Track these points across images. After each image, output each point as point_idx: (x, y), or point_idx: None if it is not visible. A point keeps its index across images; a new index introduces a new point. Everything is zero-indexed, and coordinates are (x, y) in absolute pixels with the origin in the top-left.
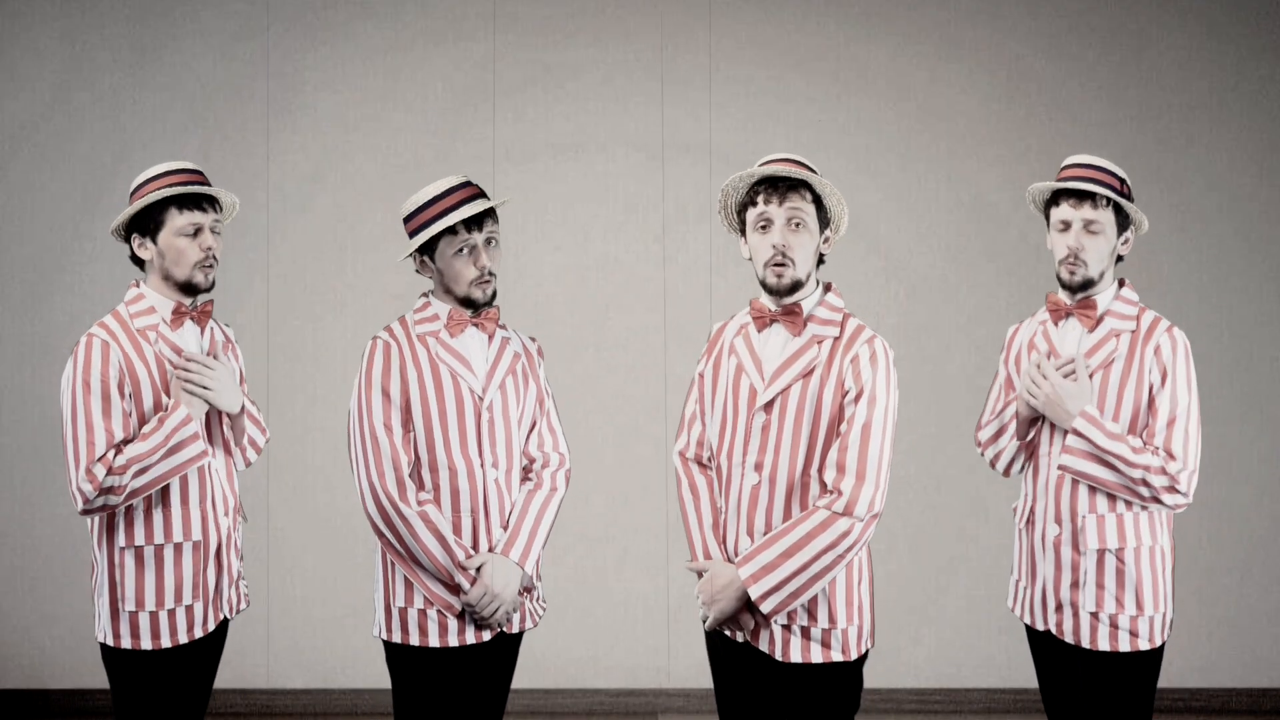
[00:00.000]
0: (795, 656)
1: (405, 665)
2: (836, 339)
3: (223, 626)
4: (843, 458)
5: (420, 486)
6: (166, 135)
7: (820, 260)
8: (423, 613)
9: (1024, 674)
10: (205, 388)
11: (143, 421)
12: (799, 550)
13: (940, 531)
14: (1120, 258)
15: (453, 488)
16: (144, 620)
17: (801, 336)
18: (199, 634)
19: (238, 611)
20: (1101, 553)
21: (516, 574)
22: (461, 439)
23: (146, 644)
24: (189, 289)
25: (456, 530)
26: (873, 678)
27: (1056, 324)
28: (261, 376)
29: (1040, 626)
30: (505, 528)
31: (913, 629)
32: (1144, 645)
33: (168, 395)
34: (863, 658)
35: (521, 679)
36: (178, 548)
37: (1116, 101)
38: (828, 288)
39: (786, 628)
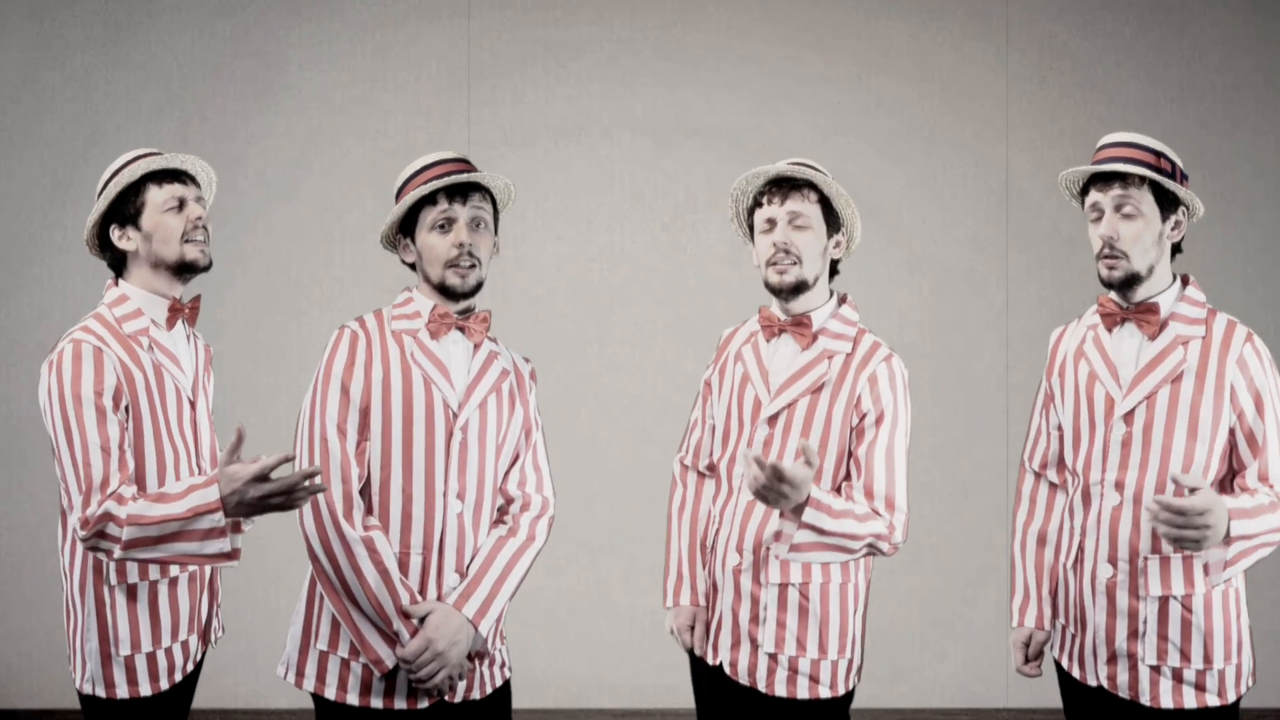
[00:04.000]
0: (780, 690)
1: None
2: (849, 355)
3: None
4: (870, 482)
5: (367, 510)
6: (141, 117)
7: (834, 270)
8: (346, 663)
9: (1058, 694)
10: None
11: (138, 439)
12: (848, 516)
13: (968, 541)
14: (1176, 249)
15: (404, 516)
16: (140, 664)
17: (811, 350)
18: (190, 668)
19: (218, 639)
20: (1165, 600)
21: (467, 633)
22: (427, 459)
23: (145, 689)
24: (185, 269)
25: (402, 569)
26: (895, 697)
27: (1110, 330)
28: (242, 376)
29: (1092, 682)
30: (462, 574)
31: (938, 645)
32: (1212, 701)
33: (163, 406)
34: (849, 694)
35: (520, 699)
36: (173, 581)
37: (1156, 81)
38: (843, 300)
39: (773, 657)
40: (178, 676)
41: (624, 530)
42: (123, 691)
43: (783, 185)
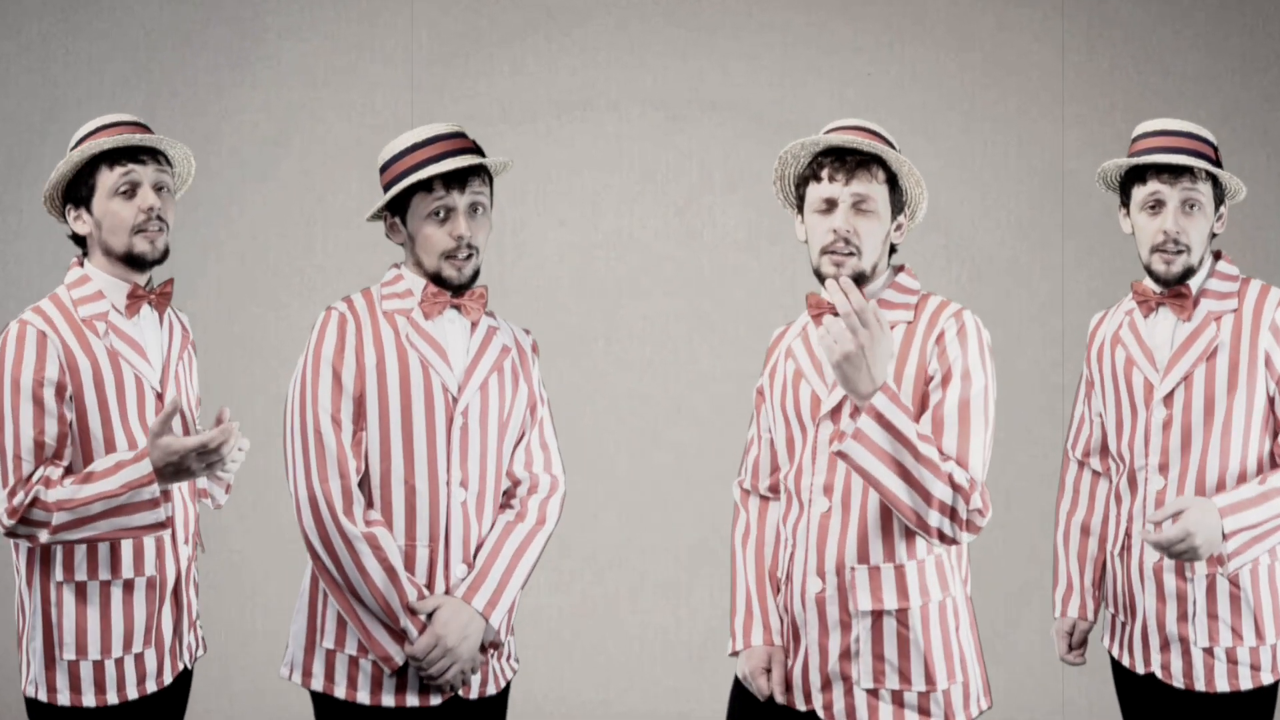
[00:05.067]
0: None
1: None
2: (911, 324)
3: (184, 678)
4: (939, 439)
5: (368, 504)
6: (104, 91)
7: (892, 250)
8: (354, 660)
9: (1109, 719)
10: (220, 472)
11: (84, 432)
12: (926, 441)
13: (1010, 554)
14: (1214, 235)
15: (408, 508)
16: (86, 671)
17: None
18: (152, 688)
19: (195, 659)
20: (1212, 578)
21: (478, 626)
22: (428, 448)
23: (89, 699)
24: (133, 261)
25: (409, 563)
26: None
27: (1146, 316)
28: (215, 373)
29: (1141, 669)
30: (470, 565)
31: None
32: (1266, 679)
33: (119, 398)
34: None
35: None
36: (128, 585)
37: (1216, 52)
38: (899, 269)
39: (873, 693)
40: (130, 693)
41: (633, 543)
42: (64, 698)
43: (846, 160)
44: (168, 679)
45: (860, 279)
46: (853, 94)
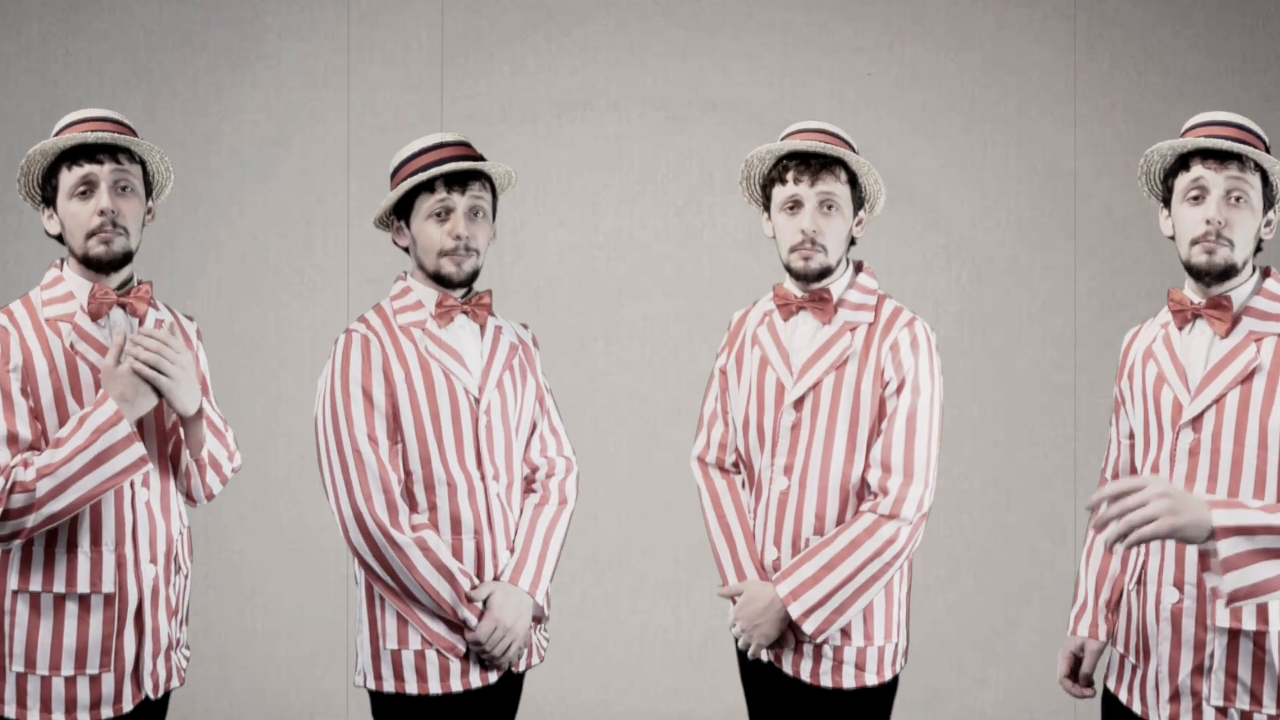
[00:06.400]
0: (825, 680)
1: (401, 718)
2: (871, 325)
3: (148, 710)
4: (887, 455)
5: (413, 508)
6: (104, 91)
7: (851, 242)
8: (420, 654)
9: None
10: (161, 371)
11: (42, 432)
12: (843, 561)
13: (1010, 554)
14: (1260, 245)
15: (452, 506)
16: (33, 686)
17: (832, 324)
18: (108, 714)
19: (166, 691)
20: (1235, 634)
21: (528, 604)
22: (458, 449)
23: (34, 716)
24: (92, 265)
25: (457, 556)
26: None
27: (1181, 328)
28: (215, 373)
29: (1154, 718)
30: (511, 550)
31: (978, 668)
32: None
33: (76, 399)
34: (896, 679)
35: None
36: (83, 600)
37: (1216, 52)
38: (859, 268)
39: (818, 648)
40: (81, 717)
41: (633, 543)
42: (10, 711)
43: (811, 163)
44: (127, 707)
45: (824, 272)
46: (853, 94)
